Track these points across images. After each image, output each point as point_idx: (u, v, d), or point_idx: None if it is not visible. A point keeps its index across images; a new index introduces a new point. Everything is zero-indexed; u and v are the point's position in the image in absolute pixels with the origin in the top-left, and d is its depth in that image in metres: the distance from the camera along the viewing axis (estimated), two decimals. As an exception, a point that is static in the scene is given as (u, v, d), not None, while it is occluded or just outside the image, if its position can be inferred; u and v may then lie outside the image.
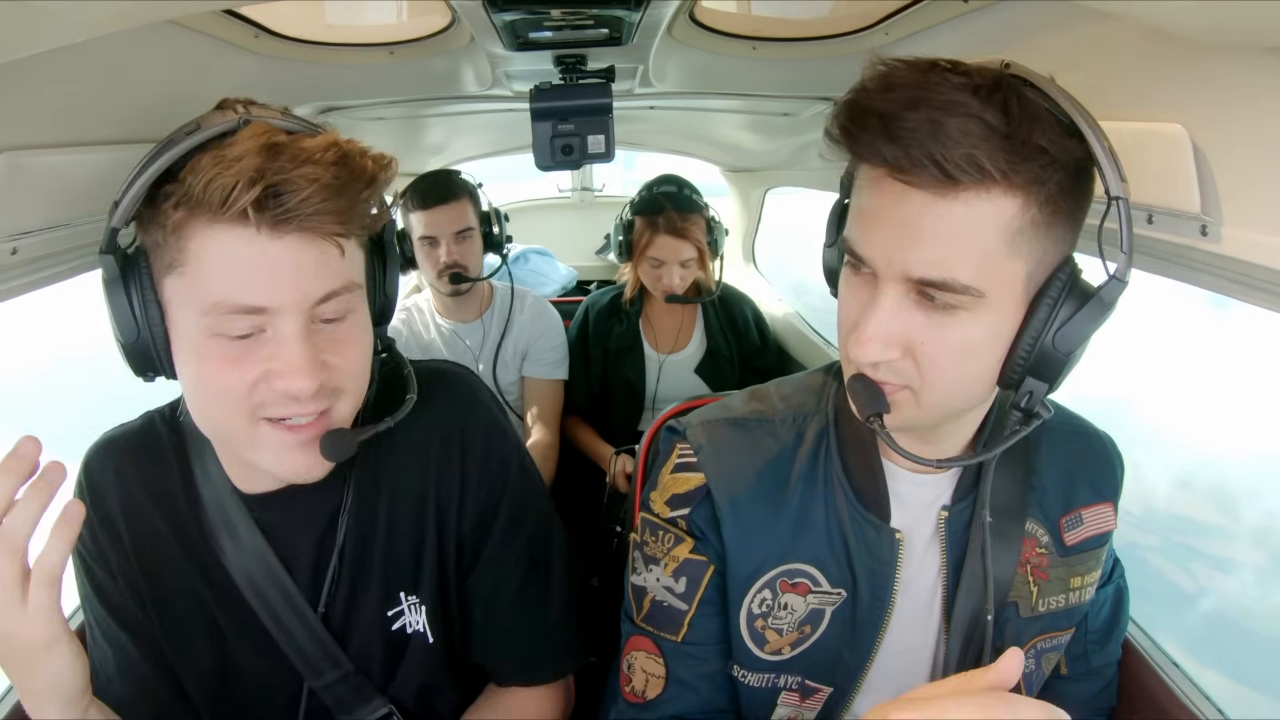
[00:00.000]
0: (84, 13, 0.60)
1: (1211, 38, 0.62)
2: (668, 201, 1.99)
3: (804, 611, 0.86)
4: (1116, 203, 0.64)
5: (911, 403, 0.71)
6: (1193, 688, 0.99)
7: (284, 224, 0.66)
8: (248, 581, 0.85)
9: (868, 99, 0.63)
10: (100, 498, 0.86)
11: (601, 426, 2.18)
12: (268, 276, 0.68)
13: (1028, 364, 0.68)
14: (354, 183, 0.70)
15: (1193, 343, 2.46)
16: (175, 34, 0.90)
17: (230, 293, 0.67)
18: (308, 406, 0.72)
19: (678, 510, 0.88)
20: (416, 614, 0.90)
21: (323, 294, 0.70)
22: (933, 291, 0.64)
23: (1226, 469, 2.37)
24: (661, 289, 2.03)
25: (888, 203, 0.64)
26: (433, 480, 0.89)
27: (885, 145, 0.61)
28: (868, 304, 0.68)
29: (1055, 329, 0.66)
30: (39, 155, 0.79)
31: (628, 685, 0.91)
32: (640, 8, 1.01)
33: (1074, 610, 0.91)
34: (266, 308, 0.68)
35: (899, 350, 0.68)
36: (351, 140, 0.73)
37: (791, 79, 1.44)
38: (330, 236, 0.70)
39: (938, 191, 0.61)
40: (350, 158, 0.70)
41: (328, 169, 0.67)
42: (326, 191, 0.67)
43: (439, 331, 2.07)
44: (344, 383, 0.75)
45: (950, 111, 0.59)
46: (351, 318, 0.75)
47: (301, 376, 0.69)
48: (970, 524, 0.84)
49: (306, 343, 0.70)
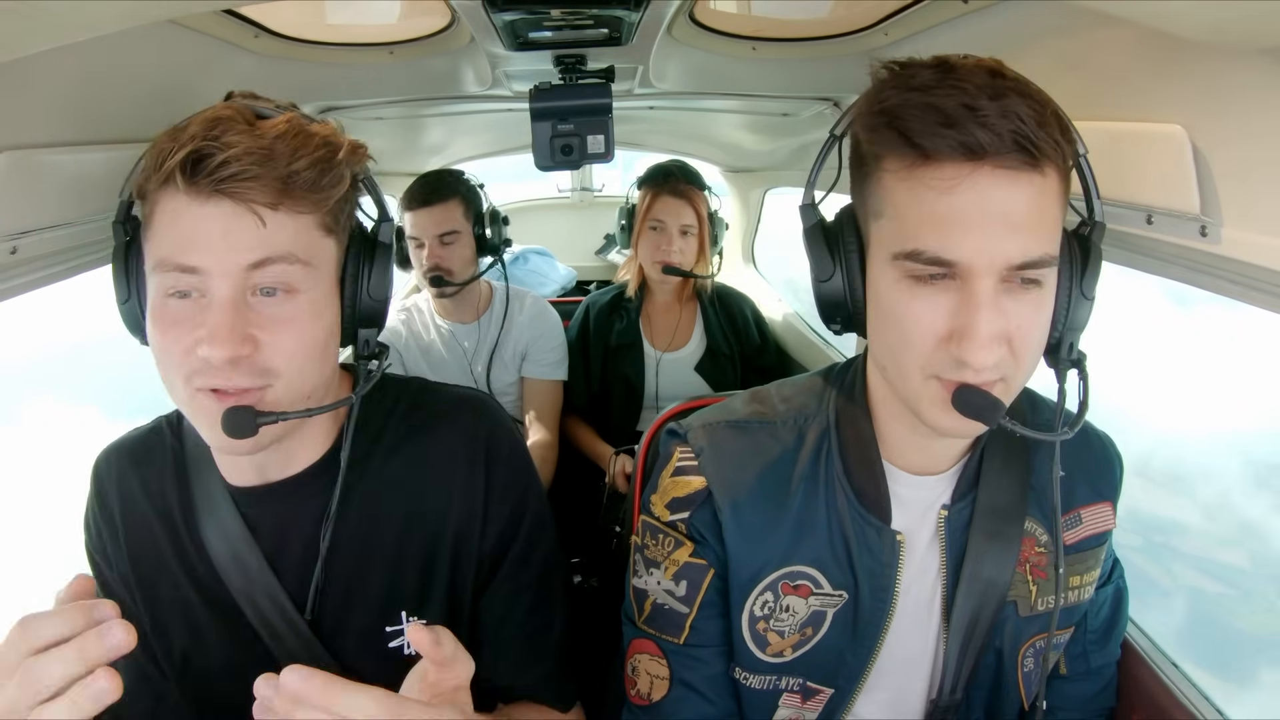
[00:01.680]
0: (85, 12, 0.60)
1: (1211, 39, 0.62)
2: (673, 169, 2.09)
3: (806, 613, 0.86)
4: (1084, 158, 0.72)
5: (1005, 393, 0.71)
6: (1192, 688, 0.99)
7: (210, 190, 0.68)
8: (233, 579, 0.85)
9: (927, 96, 0.64)
10: (105, 499, 0.89)
11: (601, 426, 2.18)
12: (198, 237, 0.69)
13: (1066, 321, 0.73)
14: (293, 155, 0.69)
15: (1155, 330, 2.53)
16: (175, 33, 0.90)
17: (170, 252, 0.70)
18: (230, 378, 0.70)
19: (678, 514, 0.88)
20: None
21: (253, 260, 0.70)
22: (1031, 273, 0.66)
23: (1185, 448, 2.47)
24: (659, 258, 2.04)
25: (968, 200, 0.64)
26: (454, 503, 0.88)
27: (973, 129, 0.62)
28: (960, 308, 0.67)
29: (1079, 281, 0.73)
30: (39, 154, 0.79)
31: (633, 689, 0.91)
32: (640, 8, 1.01)
33: (1073, 609, 0.91)
34: (198, 268, 0.69)
35: (1004, 344, 0.68)
36: (323, 123, 0.74)
37: (791, 79, 1.44)
38: (261, 206, 0.69)
39: (1023, 171, 0.64)
40: (299, 133, 0.71)
41: (266, 140, 0.68)
42: (253, 158, 0.67)
43: (438, 332, 2.07)
44: (276, 364, 0.72)
45: (1008, 95, 0.63)
46: (295, 299, 0.73)
47: (220, 344, 0.68)
48: (970, 524, 0.85)
49: (232, 310, 0.69)
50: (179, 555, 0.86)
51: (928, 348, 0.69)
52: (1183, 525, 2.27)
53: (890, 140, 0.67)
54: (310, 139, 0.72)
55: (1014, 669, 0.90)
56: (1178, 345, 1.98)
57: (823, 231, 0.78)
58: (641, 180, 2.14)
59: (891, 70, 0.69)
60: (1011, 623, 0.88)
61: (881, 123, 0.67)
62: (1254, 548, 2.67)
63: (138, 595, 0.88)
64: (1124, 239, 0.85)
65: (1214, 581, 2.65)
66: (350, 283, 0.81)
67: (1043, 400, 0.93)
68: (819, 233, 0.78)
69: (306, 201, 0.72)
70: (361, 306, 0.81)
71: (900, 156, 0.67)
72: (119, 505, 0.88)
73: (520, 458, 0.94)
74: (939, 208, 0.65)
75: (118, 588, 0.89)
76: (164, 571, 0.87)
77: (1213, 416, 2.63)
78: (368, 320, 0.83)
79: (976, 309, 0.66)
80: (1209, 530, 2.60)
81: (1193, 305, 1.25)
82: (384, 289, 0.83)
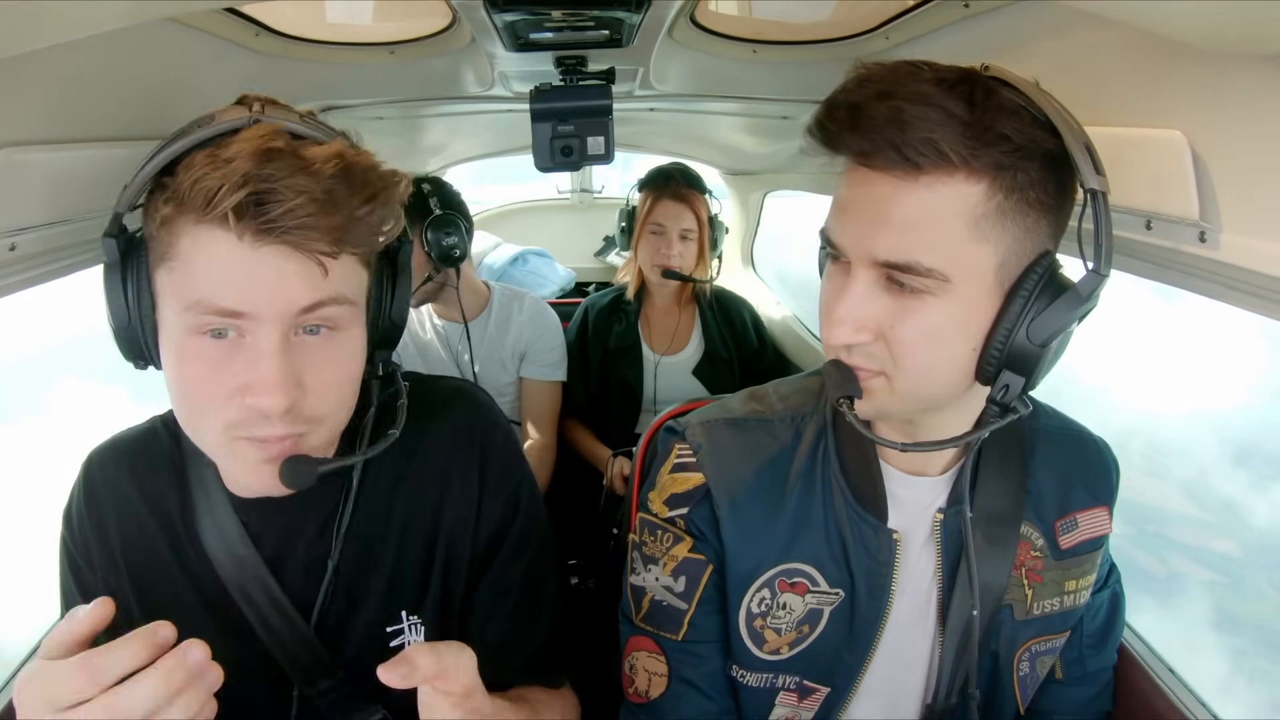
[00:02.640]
0: (86, 10, 0.60)
1: (1211, 44, 0.63)
2: (674, 172, 2.10)
3: (802, 611, 0.86)
4: (1091, 195, 0.64)
5: (885, 389, 0.72)
6: (1188, 693, 0.99)
7: (266, 234, 0.64)
8: (235, 585, 0.84)
9: (841, 95, 0.66)
10: (95, 497, 0.87)
11: (599, 428, 2.17)
12: (248, 282, 0.66)
13: (1002, 356, 0.68)
14: (351, 198, 0.66)
15: (1137, 315, 2.56)
16: (176, 31, 0.90)
17: (211, 294, 0.66)
18: (277, 427, 0.70)
19: (676, 510, 0.88)
20: (416, 634, 0.89)
21: (306, 304, 0.68)
22: (900, 275, 0.66)
23: (1161, 426, 2.53)
24: (658, 262, 2.04)
25: (856, 192, 0.68)
26: (449, 500, 0.88)
27: (850, 135, 0.65)
28: (841, 289, 0.70)
29: (1029, 320, 0.66)
30: (38, 151, 0.79)
31: (630, 686, 0.91)
32: (641, 10, 1.01)
33: (1069, 614, 0.91)
34: (245, 313, 0.66)
35: (870, 334, 0.69)
36: (362, 152, 0.70)
37: (792, 83, 1.45)
38: (324, 253, 0.67)
39: (900, 176, 0.64)
40: (353, 171, 0.67)
41: (322, 181, 0.64)
42: (315, 205, 0.64)
43: (435, 332, 2.07)
44: (318, 410, 0.72)
45: (912, 100, 0.62)
46: (338, 336, 0.72)
47: (273, 394, 0.66)
48: (966, 527, 0.85)
49: (283, 357, 0.67)
50: (177, 556, 0.86)
51: (822, 321, 0.74)
52: (1163, 510, 2.33)
53: (811, 131, 0.70)
54: (366, 178, 0.68)
55: (1010, 673, 0.90)
56: (1155, 326, 2.01)
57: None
58: (642, 183, 2.15)
59: (854, 69, 0.70)
60: (1007, 626, 0.88)
61: (813, 116, 0.70)
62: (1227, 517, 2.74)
63: (130, 596, 0.86)
64: (1122, 244, 0.85)
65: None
66: (374, 306, 0.79)
67: (1043, 407, 0.94)
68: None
69: (362, 243, 0.70)
70: (381, 329, 0.81)
71: (819, 147, 0.70)
72: (113, 505, 0.86)
73: (513, 452, 0.95)
74: (840, 194, 0.71)
75: (98, 588, 0.87)
76: (161, 573, 0.86)
77: (1191, 397, 2.70)
78: (386, 342, 0.83)
79: (843, 290, 0.70)
80: (1189, 513, 2.68)
81: (1174, 293, 1.29)
82: (404, 312, 0.83)
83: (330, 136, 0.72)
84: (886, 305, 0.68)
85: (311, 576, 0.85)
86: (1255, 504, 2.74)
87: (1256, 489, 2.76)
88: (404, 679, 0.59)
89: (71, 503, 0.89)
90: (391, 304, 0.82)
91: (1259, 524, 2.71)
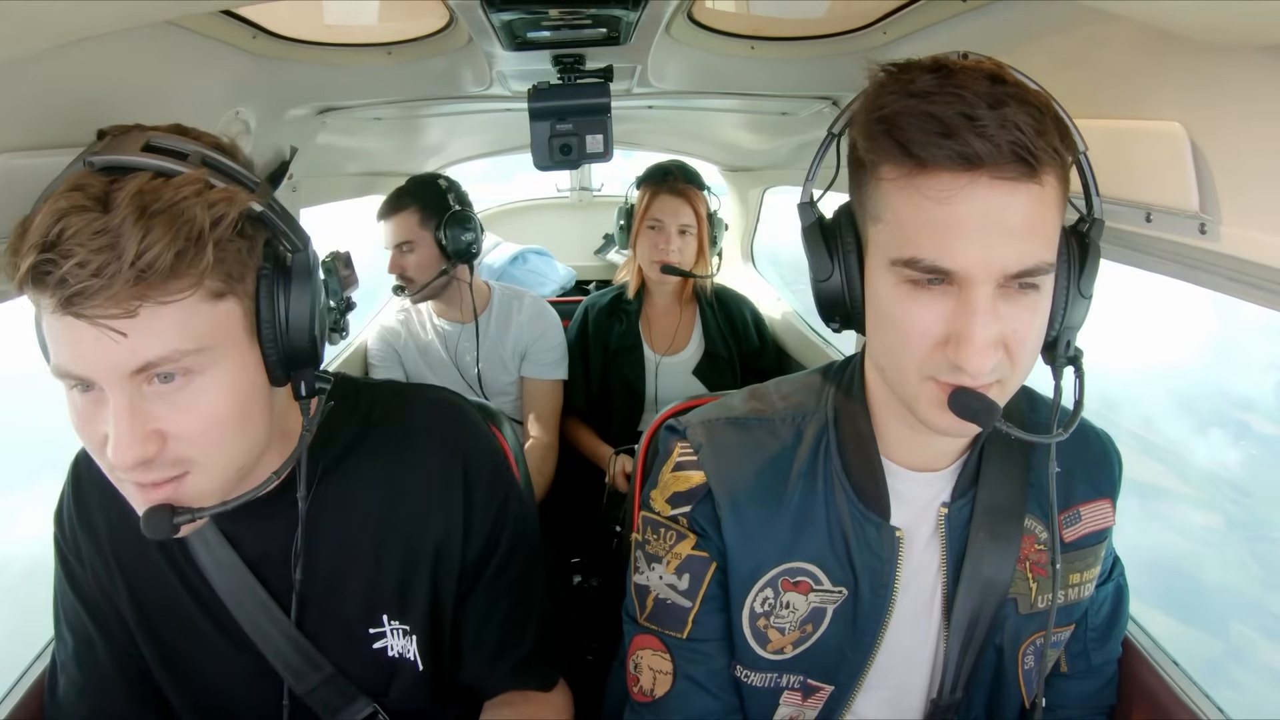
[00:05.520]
0: (84, 12, 0.60)
1: (1210, 37, 0.62)
2: (672, 168, 2.10)
3: (806, 610, 0.86)
4: (1084, 155, 0.72)
5: (1000, 395, 0.71)
6: (1193, 686, 0.99)
7: (71, 306, 0.60)
8: (221, 584, 0.86)
9: (925, 104, 0.64)
10: (83, 497, 0.89)
11: (601, 428, 2.17)
12: (75, 351, 0.63)
13: (1064, 317, 0.73)
14: (144, 239, 0.60)
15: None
16: (172, 34, 0.90)
17: (59, 360, 0.65)
18: (145, 476, 0.68)
19: (679, 508, 0.88)
20: (405, 641, 0.90)
21: (135, 367, 0.64)
22: (1026, 279, 0.67)
23: (1110, 381, 2.68)
24: (657, 258, 2.03)
25: (964, 209, 0.64)
26: (433, 518, 0.89)
27: (974, 141, 0.62)
28: (958, 313, 0.67)
29: (1080, 274, 0.73)
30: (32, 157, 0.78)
31: (635, 685, 0.91)
32: (638, 7, 1.01)
33: (1074, 607, 0.91)
34: (86, 378, 0.65)
35: (1001, 348, 0.69)
36: (183, 184, 0.63)
37: (790, 78, 1.44)
38: (117, 319, 0.61)
39: (1017, 179, 0.63)
40: (148, 207, 0.61)
41: (110, 230, 0.59)
42: (94, 265, 0.59)
43: (436, 332, 2.07)
44: (188, 453, 0.69)
45: (1008, 104, 0.62)
46: (197, 381, 0.68)
47: (122, 452, 0.65)
48: (970, 522, 0.85)
49: (129, 416, 0.65)
50: (168, 558, 0.87)
51: (924, 351, 0.70)
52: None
53: (888, 148, 0.67)
54: (165, 211, 0.61)
55: (1014, 667, 0.90)
56: (1109, 286, 2.07)
57: (821, 230, 0.78)
58: (640, 179, 2.14)
59: (889, 73, 0.69)
60: (1012, 620, 0.88)
61: (879, 130, 0.67)
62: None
63: (124, 595, 0.88)
64: (1123, 236, 0.85)
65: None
66: (267, 328, 0.72)
67: (1040, 398, 0.93)
68: (817, 232, 0.78)
69: (173, 286, 0.63)
70: (285, 349, 0.73)
71: (898, 165, 0.67)
72: (101, 505, 0.88)
73: (498, 467, 0.95)
74: (937, 216, 0.65)
75: (89, 588, 0.89)
76: (155, 575, 0.88)
77: (1141, 352, 2.85)
78: (297, 361, 0.75)
79: (973, 316, 0.66)
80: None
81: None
82: (304, 328, 0.73)
83: (175, 167, 0.65)
84: (1007, 313, 0.67)
85: (286, 577, 0.86)
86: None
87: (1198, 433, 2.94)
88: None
89: (61, 503, 0.91)
90: (286, 323, 0.73)
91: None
